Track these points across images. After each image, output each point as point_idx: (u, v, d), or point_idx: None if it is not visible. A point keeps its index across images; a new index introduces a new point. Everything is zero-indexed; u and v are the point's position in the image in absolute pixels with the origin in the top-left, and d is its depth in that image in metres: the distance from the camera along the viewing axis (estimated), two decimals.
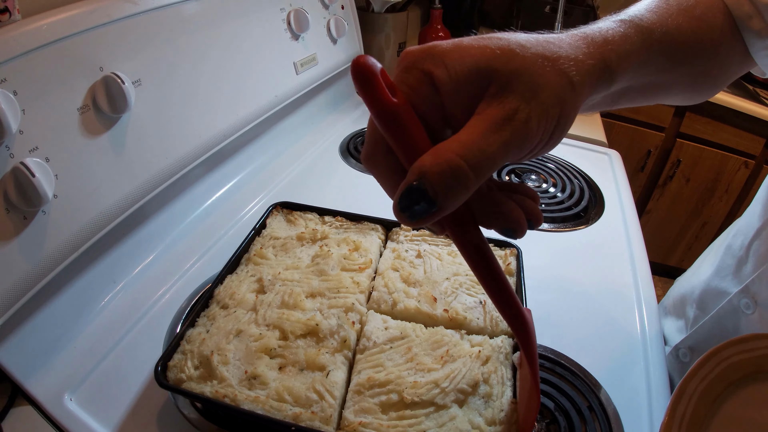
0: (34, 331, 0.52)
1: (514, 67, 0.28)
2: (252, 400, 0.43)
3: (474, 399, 0.45)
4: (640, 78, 0.37)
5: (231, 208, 0.80)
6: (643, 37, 0.35)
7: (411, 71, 0.29)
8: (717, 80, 0.45)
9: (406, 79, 0.29)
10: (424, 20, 1.77)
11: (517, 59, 0.28)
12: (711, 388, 0.44)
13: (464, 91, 0.28)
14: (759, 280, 0.56)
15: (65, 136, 0.51)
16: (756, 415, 0.43)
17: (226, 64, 0.74)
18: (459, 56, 0.28)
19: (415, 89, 0.29)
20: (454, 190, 0.26)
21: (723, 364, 0.45)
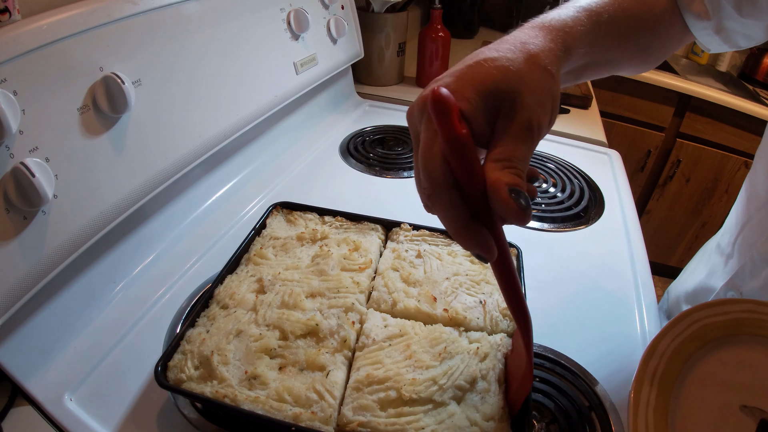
0: (34, 331, 0.52)
1: (514, 83, 0.34)
2: (252, 400, 0.43)
3: (472, 395, 0.45)
4: (594, 55, 0.43)
5: (231, 208, 0.80)
6: (593, 20, 0.42)
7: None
8: (659, 53, 0.52)
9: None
10: (424, 20, 1.77)
11: (513, 75, 0.34)
12: (683, 348, 0.44)
13: (483, 113, 0.34)
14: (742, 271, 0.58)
15: (65, 136, 0.51)
16: (729, 377, 0.43)
17: (226, 63, 0.74)
18: (472, 89, 0.33)
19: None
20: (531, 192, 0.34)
21: (696, 324, 0.45)
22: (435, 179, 0.32)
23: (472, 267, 0.59)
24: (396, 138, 1.07)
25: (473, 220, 0.33)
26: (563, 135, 1.15)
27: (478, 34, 1.97)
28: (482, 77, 0.34)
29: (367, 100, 1.26)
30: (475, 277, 0.58)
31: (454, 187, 0.32)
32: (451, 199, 0.32)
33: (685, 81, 1.86)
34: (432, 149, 0.32)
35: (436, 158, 0.32)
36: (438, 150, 0.32)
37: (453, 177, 0.32)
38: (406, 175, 0.94)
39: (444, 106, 0.29)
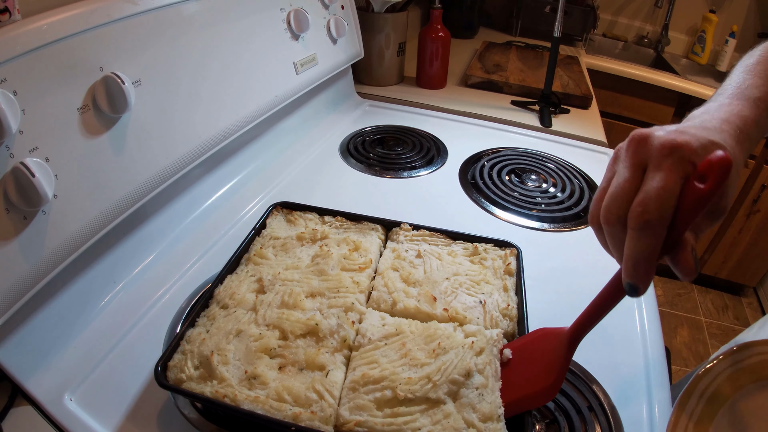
0: (34, 331, 0.52)
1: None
2: (252, 400, 0.43)
3: (467, 391, 0.45)
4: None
5: (231, 208, 0.80)
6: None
7: (685, 164, 0.36)
8: None
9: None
10: (424, 20, 1.77)
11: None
12: (739, 376, 0.45)
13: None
14: None
15: (65, 136, 0.51)
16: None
17: (226, 63, 0.74)
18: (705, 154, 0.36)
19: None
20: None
21: (756, 357, 0.45)
22: (665, 212, 0.35)
23: (472, 267, 0.59)
24: (396, 138, 1.08)
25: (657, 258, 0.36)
26: (563, 135, 1.15)
27: (478, 34, 1.97)
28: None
29: (367, 100, 1.26)
30: (475, 277, 0.58)
31: (668, 228, 0.35)
32: (662, 235, 0.35)
33: (685, 81, 1.86)
34: (676, 188, 0.35)
35: (675, 196, 0.35)
36: (678, 191, 0.35)
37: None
38: (406, 175, 0.94)
39: (728, 171, 0.32)
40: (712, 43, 2.16)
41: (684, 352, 2.00)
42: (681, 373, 1.90)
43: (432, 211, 0.84)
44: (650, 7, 2.25)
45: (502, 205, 0.86)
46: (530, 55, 1.64)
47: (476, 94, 1.34)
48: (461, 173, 0.96)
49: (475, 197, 0.88)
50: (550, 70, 1.21)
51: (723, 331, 2.12)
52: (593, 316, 0.43)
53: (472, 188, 0.91)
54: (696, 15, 2.21)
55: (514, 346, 0.50)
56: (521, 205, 0.86)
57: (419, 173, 0.95)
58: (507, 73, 1.42)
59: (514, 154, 1.03)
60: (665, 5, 2.18)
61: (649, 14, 2.28)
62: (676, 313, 2.18)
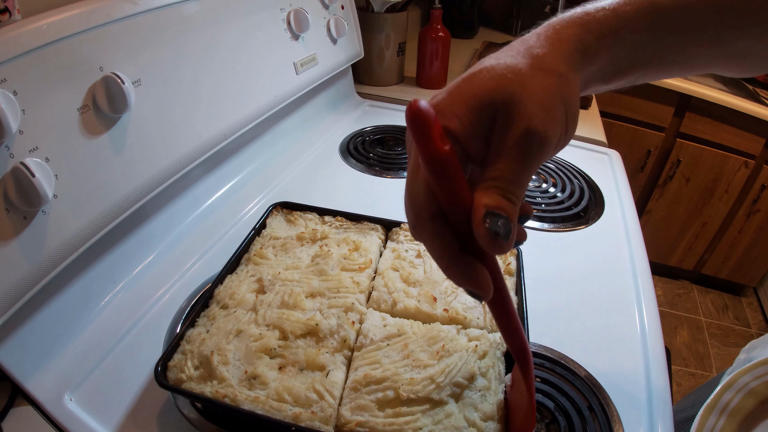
0: (34, 331, 0.52)
1: (511, 91, 0.29)
2: (252, 400, 0.43)
3: (470, 393, 0.45)
4: (644, 54, 0.33)
5: (231, 208, 0.80)
6: (640, 11, 0.32)
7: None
8: (764, 59, 0.36)
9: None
10: (424, 20, 1.77)
11: (510, 82, 0.29)
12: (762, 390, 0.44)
13: (477, 129, 0.30)
14: None
15: (65, 136, 0.51)
16: None
17: (226, 63, 0.74)
18: (462, 103, 0.29)
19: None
20: (514, 218, 0.28)
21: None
22: (418, 208, 0.29)
23: None
24: (396, 138, 1.07)
25: (463, 253, 0.29)
26: None
27: (478, 34, 1.97)
28: (476, 89, 0.29)
29: (367, 100, 1.26)
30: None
31: (439, 216, 0.29)
32: (435, 230, 0.29)
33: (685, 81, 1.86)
34: (416, 175, 0.29)
35: (419, 184, 0.29)
36: (422, 176, 0.29)
37: (438, 206, 0.29)
38: (406, 175, 0.94)
39: (421, 121, 0.26)
40: None
41: (684, 352, 2.00)
42: (681, 372, 1.90)
43: None
44: None
45: None
46: None
47: None
48: None
49: None
50: None
51: (723, 331, 2.12)
52: (505, 330, 0.36)
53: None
54: None
55: (513, 371, 0.46)
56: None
57: None
58: None
59: None
60: None
61: None
62: (676, 313, 2.19)
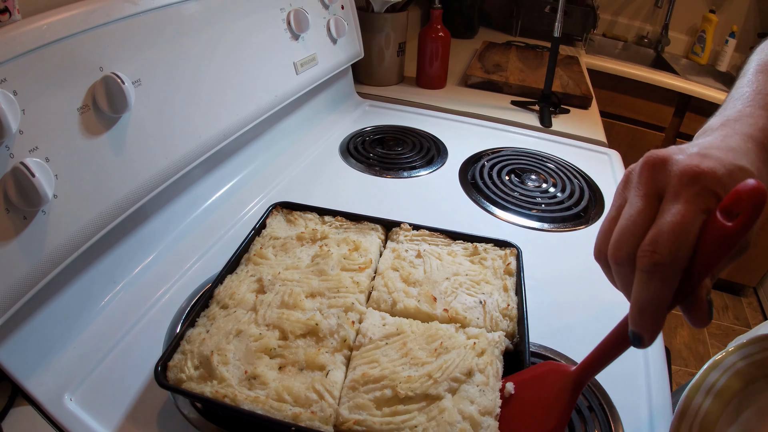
0: (34, 331, 0.52)
1: None
2: (252, 400, 0.43)
3: (468, 387, 0.45)
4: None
5: (231, 208, 0.80)
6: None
7: (709, 196, 0.30)
8: None
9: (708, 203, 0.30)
10: (424, 20, 1.77)
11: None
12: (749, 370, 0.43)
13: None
14: None
15: (65, 136, 0.51)
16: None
17: (226, 63, 0.74)
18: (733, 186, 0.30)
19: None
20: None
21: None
22: (681, 253, 0.29)
23: (472, 267, 0.59)
24: (396, 138, 1.07)
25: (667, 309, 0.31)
26: (563, 135, 1.15)
27: (478, 34, 1.97)
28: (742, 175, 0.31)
29: (367, 100, 1.26)
30: (475, 277, 0.58)
31: (684, 271, 0.30)
32: (676, 281, 0.30)
33: (685, 81, 1.86)
34: (693, 224, 0.29)
35: (693, 235, 0.29)
36: (698, 229, 0.29)
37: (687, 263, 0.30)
38: (406, 175, 0.94)
39: (762, 204, 0.27)
40: (712, 43, 2.17)
41: (684, 352, 2.00)
42: (681, 372, 1.90)
43: (432, 211, 0.84)
44: (650, 7, 2.25)
45: (502, 205, 0.86)
46: (530, 55, 1.64)
47: (476, 94, 1.34)
48: (461, 173, 0.96)
49: (475, 197, 0.88)
50: (550, 70, 1.21)
51: (723, 331, 2.12)
52: (599, 361, 0.39)
53: (472, 188, 0.91)
54: (696, 15, 2.21)
55: (517, 379, 0.46)
56: (521, 205, 0.86)
57: (419, 173, 0.95)
58: (507, 73, 1.42)
59: (514, 154, 1.03)
60: (665, 5, 2.18)
61: (649, 14, 2.28)
62: (676, 313, 2.17)
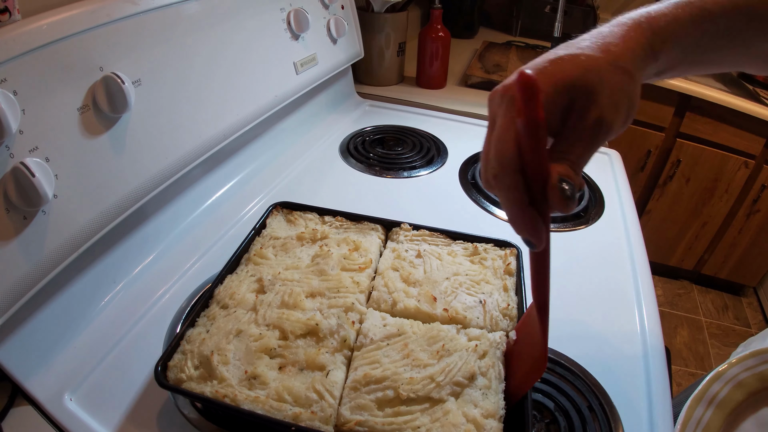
0: (34, 331, 0.52)
1: (591, 83, 0.34)
2: (252, 400, 0.43)
3: (471, 391, 0.45)
4: (693, 56, 0.39)
5: (231, 208, 0.80)
6: (695, 18, 0.38)
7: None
8: None
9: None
10: (424, 20, 1.77)
11: (591, 73, 0.34)
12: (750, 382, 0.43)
13: (557, 106, 0.35)
14: None
15: (65, 136, 0.51)
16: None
17: (227, 63, 0.74)
18: (551, 83, 0.34)
19: None
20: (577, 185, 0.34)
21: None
22: (505, 160, 0.33)
23: (472, 267, 0.59)
24: (396, 138, 1.07)
25: (530, 206, 0.34)
26: None
27: (478, 34, 1.97)
28: (561, 73, 0.34)
29: (367, 100, 1.26)
30: (475, 277, 0.58)
31: (521, 171, 0.33)
32: (516, 182, 0.33)
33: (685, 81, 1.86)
34: (508, 131, 0.33)
35: (510, 140, 0.33)
36: (513, 134, 0.33)
37: (521, 162, 0.33)
38: (406, 175, 0.94)
39: (532, 88, 0.30)
40: None
41: (684, 352, 2.00)
42: (681, 372, 1.90)
43: (432, 211, 0.84)
44: None
45: None
46: (530, 55, 1.64)
47: (476, 94, 1.34)
48: (461, 173, 0.96)
49: (475, 197, 0.88)
50: None
51: (723, 331, 2.12)
52: (534, 280, 0.41)
53: (472, 188, 0.91)
54: None
55: (517, 326, 0.51)
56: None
57: (419, 173, 0.95)
58: (507, 73, 1.42)
59: None
60: None
61: None
62: (676, 313, 2.18)
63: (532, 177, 0.33)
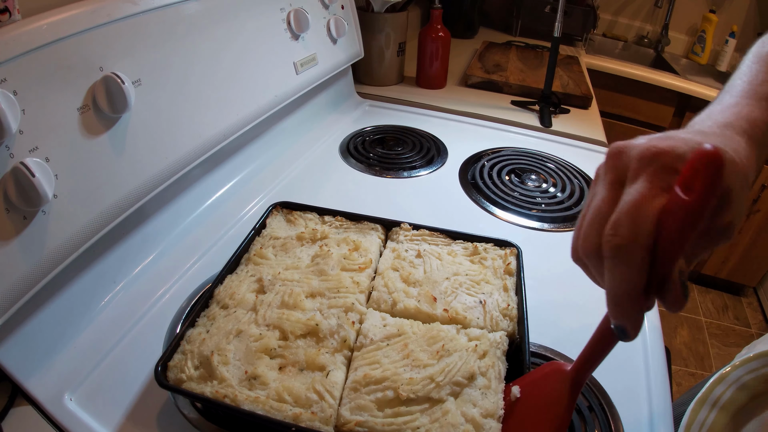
0: (34, 330, 0.52)
1: (731, 187, 0.29)
2: (252, 400, 0.43)
3: (470, 390, 0.45)
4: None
5: (231, 208, 0.80)
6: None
7: (668, 173, 0.29)
8: None
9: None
10: (424, 20, 1.77)
11: (732, 178, 0.29)
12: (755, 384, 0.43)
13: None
14: None
15: (65, 136, 0.51)
16: None
17: (226, 63, 0.74)
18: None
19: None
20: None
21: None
22: (641, 232, 0.28)
23: (472, 267, 0.59)
24: (396, 138, 1.07)
25: (643, 293, 0.29)
26: (563, 135, 1.15)
27: (478, 34, 1.97)
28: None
29: (367, 100, 1.26)
30: (475, 277, 0.58)
31: (650, 251, 0.28)
32: (644, 263, 0.28)
33: (685, 81, 1.86)
34: (654, 201, 0.28)
35: (654, 211, 0.28)
36: (659, 206, 0.28)
37: (653, 241, 0.29)
38: (406, 175, 0.94)
39: (718, 168, 0.25)
40: (712, 43, 2.17)
41: (684, 352, 2.00)
42: (681, 372, 1.90)
43: (432, 211, 0.84)
44: (650, 7, 2.25)
45: (502, 205, 0.86)
46: (530, 55, 1.64)
47: (476, 94, 1.34)
48: (461, 173, 0.96)
49: (475, 197, 0.88)
50: (550, 70, 1.21)
51: (723, 331, 2.12)
52: (591, 358, 0.38)
53: (472, 188, 0.91)
54: (696, 15, 2.21)
55: (523, 382, 0.46)
56: (521, 205, 0.86)
57: (419, 173, 0.95)
58: (507, 73, 1.42)
59: (514, 154, 1.03)
60: (665, 5, 2.18)
61: (649, 14, 2.28)
62: (676, 313, 2.19)
63: (662, 263, 0.28)
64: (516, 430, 0.43)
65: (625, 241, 0.28)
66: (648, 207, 0.28)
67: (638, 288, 0.29)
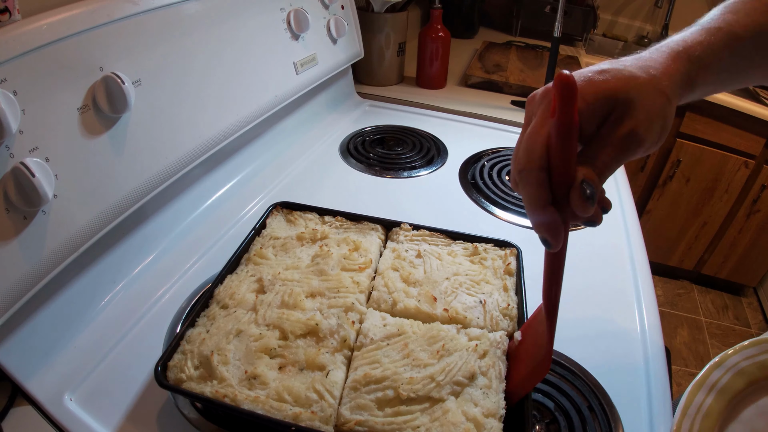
0: (34, 330, 0.52)
1: (631, 96, 0.35)
2: (252, 400, 0.43)
3: (471, 390, 0.45)
4: (726, 79, 0.42)
5: (231, 208, 0.80)
6: (728, 45, 0.40)
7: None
8: None
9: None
10: (424, 20, 1.77)
11: (631, 88, 0.36)
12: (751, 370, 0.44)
13: (595, 114, 0.36)
14: None
15: (65, 136, 0.51)
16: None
17: (226, 63, 0.74)
18: (593, 90, 0.36)
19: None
20: (599, 190, 0.35)
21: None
22: (533, 156, 0.34)
23: (472, 267, 0.59)
24: (396, 138, 1.07)
25: (552, 206, 0.35)
26: None
27: (478, 34, 1.97)
28: (605, 83, 0.36)
29: (367, 100, 1.26)
30: (475, 277, 0.58)
31: (546, 170, 0.34)
32: (540, 180, 0.34)
33: None
34: (540, 130, 0.34)
35: (540, 138, 0.34)
36: (545, 132, 0.34)
37: (548, 162, 0.34)
38: (406, 175, 0.94)
39: (569, 87, 0.31)
40: None
41: (684, 352, 2.00)
42: (681, 372, 1.90)
43: (432, 211, 0.84)
44: (650, 7, 2.25)
45: (502, 205, 0.86)
46: (530, 55, 1.64)
47: (476, 94, 1.34)
48: (461, 173, 0.96)
49: (475, 197, 0.88)
50: (550, 70, 1.21)
51: (723, 331, 2.12)
52: (547, 282, 0.42)
53: (472, 188, 0.91)
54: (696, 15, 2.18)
55: (523, 327, 0.51)
56: (521, 205, 0.86)
57: (419, 173, 0.95)
58: (507, 73, 1.42)
59: None
60: (665, 5, 2.18)
61: (649, 14, 2.28)
62: (676, 313, 2.18)
63: (557, 177, 0.34)
64: (519, 369, 0.47)
65: (522, 165, 0.35)
66: (537, 135, 0.34)
67: (542, 200, 0.34)
